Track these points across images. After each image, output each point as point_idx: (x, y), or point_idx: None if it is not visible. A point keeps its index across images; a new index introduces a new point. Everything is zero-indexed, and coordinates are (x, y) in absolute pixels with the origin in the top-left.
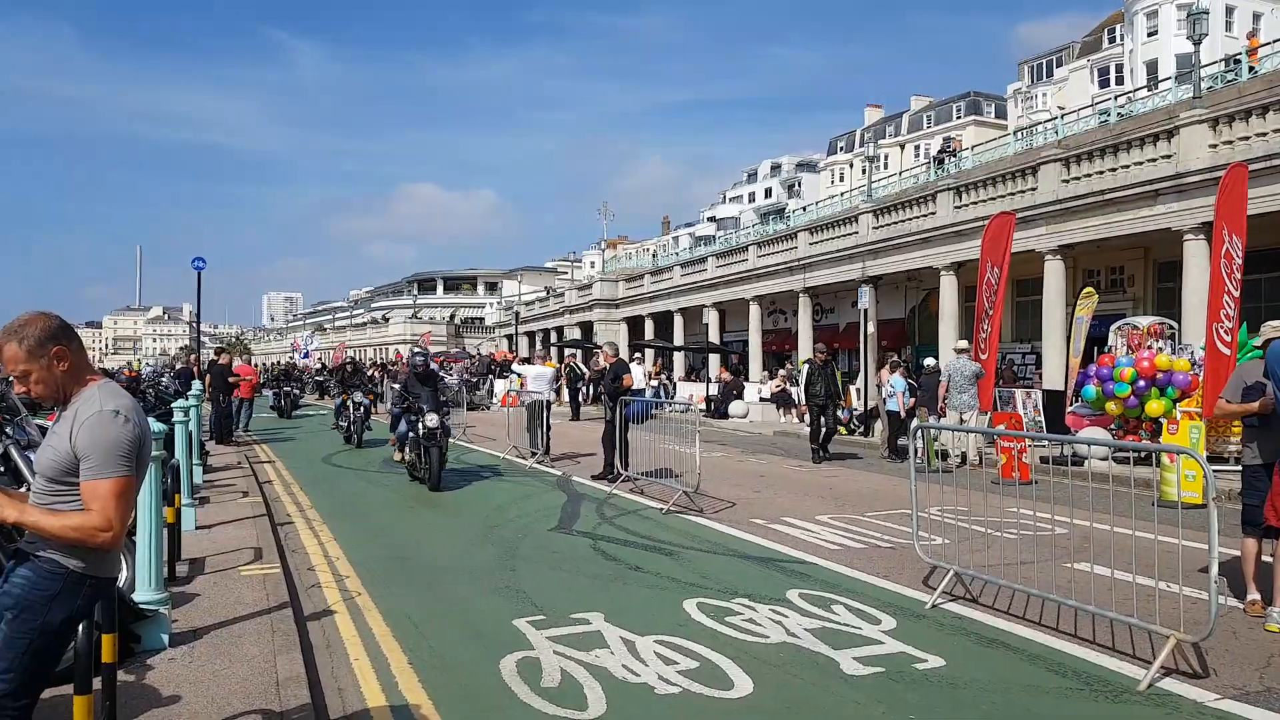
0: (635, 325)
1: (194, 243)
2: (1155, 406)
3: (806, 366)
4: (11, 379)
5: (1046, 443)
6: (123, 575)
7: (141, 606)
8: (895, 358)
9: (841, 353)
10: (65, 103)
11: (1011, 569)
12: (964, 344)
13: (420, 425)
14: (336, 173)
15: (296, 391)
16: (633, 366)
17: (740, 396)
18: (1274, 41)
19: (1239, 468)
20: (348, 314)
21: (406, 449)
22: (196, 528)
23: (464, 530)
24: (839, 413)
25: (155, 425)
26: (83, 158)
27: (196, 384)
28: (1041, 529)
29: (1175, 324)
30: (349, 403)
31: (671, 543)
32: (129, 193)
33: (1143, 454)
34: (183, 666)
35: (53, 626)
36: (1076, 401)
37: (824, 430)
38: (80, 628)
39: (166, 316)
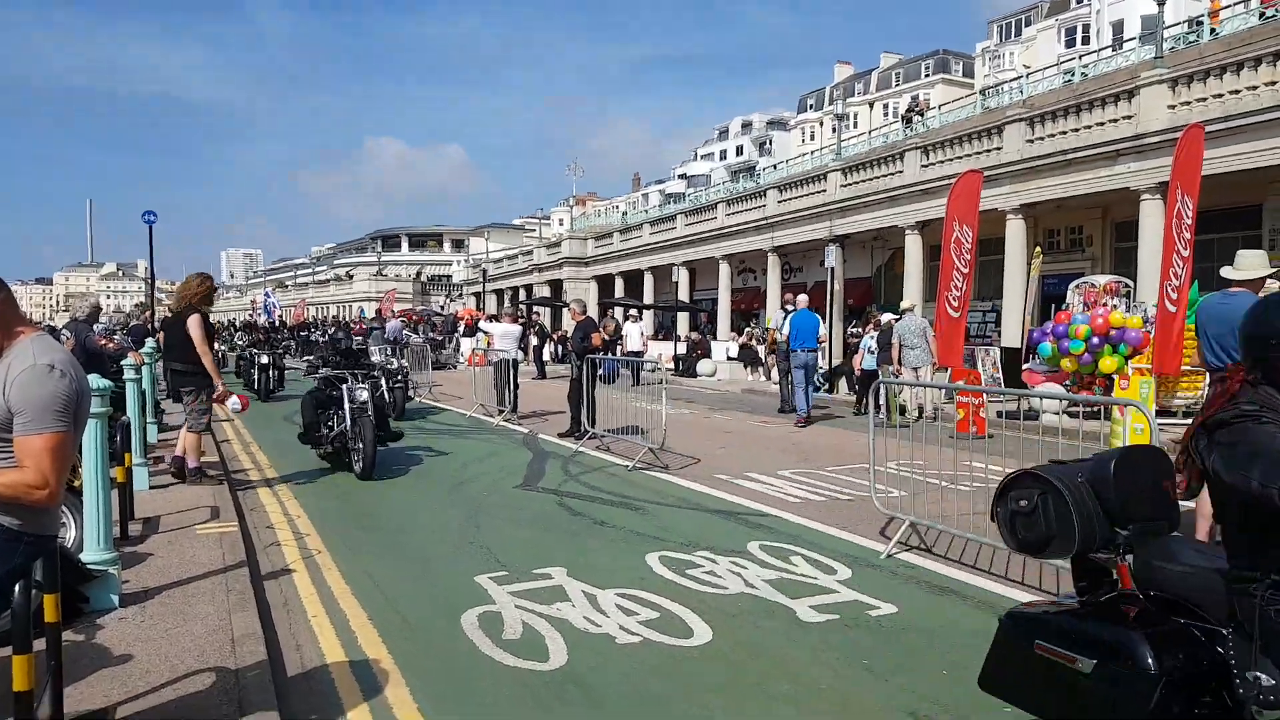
0: (605, 284)
1: (148, 198)
2: (1108, 363)
3: None
4: None
5: (1002, 398)
6: (70, 535)
7: (89, 566)
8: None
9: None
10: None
11: (965, 519)
12: (908, 303)
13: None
14: (298, 128)
15: (279, 362)
16: (629, 326)
17: (708, 355)
18: (1235, 4)
19: (1186, 422)
20: (310, 271)
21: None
22: (151, 487)
23: (428, 488)
24: None
25: (100, 382)
26: (26, 109)
27: (150, 341)
28: (994, 480)
29: (1131, 283)
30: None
31: (636, 498)
32: (79, 146)
33: (1095, 408)
34: (134, 626)
35: None
36: (1033, 358)
37: None
38: (17, 587)
39: (121, 273)
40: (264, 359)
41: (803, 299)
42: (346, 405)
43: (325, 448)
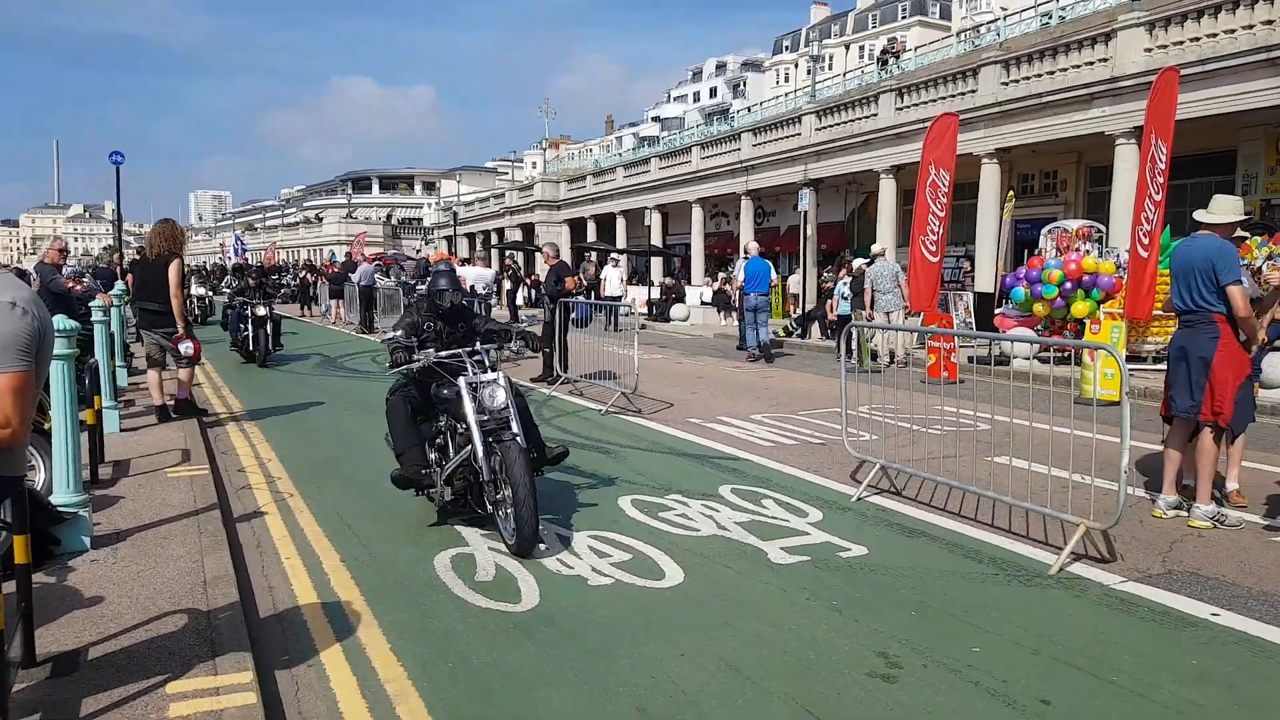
0: (577, 227)
1: (115, 139)
2: (1081, 308)
3: None
4: None
5: (975, 342)
6: (40, 478)
7: (60, 509)
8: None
9: (782, 256)
10: None
11: (935, 463)
12: (879, 247)
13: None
14: (262, 65)
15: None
16: (608, 270)
17: (681, 300)
18: None
19: (1157, 367)
20: (279, 213)
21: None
22: (121, 430)
23: None
24: None
25: (66, 322)
26: None
27: (120, 284)
28: (965, 425)
29: (1104, 227)
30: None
31: (609, 442)
32: (43, 85)
33: (1066, 353)
34: (105, 568)
35: None
36: (1006, 303)
37: None
38: None
39: (88, 215)
40: (260, 309)
41: (754, 246)
42: (472, 417)
43: (442, 493)
